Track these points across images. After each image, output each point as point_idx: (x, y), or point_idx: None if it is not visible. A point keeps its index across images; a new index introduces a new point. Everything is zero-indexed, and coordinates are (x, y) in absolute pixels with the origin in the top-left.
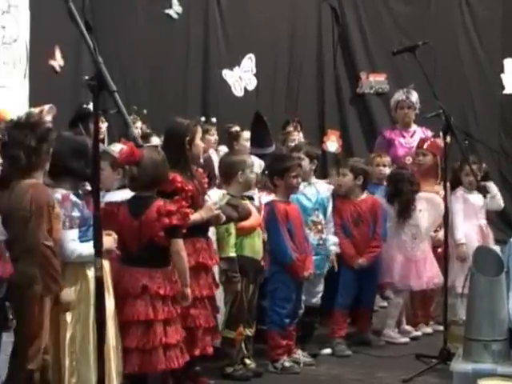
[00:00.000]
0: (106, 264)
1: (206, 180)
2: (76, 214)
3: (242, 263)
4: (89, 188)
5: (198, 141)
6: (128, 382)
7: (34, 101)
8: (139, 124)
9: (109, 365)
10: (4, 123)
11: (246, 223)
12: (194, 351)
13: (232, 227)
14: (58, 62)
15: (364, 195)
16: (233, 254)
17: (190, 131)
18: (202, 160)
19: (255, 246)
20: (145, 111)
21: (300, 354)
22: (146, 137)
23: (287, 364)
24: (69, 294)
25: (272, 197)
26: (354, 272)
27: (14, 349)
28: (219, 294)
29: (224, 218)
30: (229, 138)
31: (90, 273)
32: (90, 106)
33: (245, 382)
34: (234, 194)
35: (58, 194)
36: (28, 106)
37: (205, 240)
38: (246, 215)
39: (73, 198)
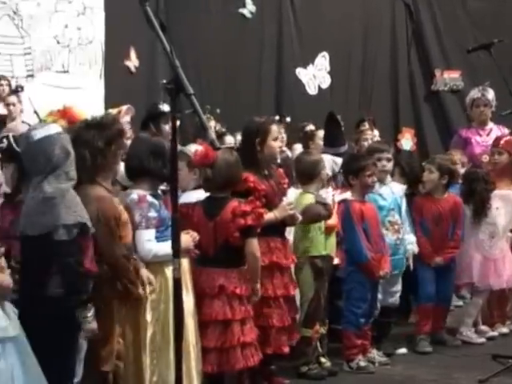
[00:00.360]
0: (185, 262)
1: (286, 181)
2: (153, 214)
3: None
4: (163, 188)
5: (270, 141)
6: (205, 381)
7: (110, 101)
8: (213, 123)
9: (189, 363)
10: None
11: (329, 222)
12: (266, 350)
13: (323, 226)
14: (133, 62)
15: (446, 194)
16: (325, 252)
17: (260, 131)
18: (279, 159)
19: (332, 244)
20: (218, 110)
21: (375, 354)
22: (219, 136)
23: (362, 363)
24: None
25: (346, 195)
26: (431, 270)
27: (88, 351)
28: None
29: (300, 217)
30: (304, 137)
31: (169, 272)
32: (162, 107)
33: (320, 381)
34: (315, 193)
35: (135, 194)
36: (103, 107)
37: (280, 239)
38: (331, 214)
39: (149, 198)
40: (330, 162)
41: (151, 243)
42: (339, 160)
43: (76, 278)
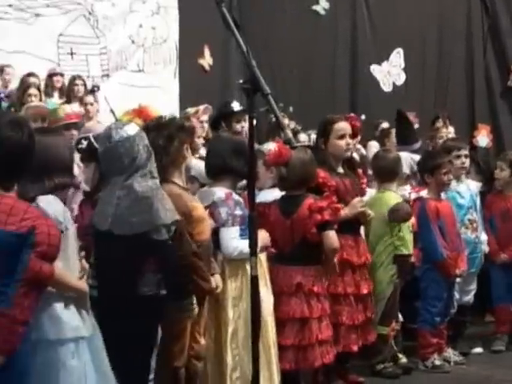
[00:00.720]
0: (263, 259)
1: (365, 180)
2: (238, 212)
3: None
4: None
5: (333, 139)
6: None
7: (184, 100)
8: (286, 121)
9: (270, 359)
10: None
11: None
12: (335, 348)
13: (411, 224)
14: (207, 60)
15: None
16: (408, 252)
17: (323, 130)
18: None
19: (410, 242)
20: (291, 109)
21: (451, 353)
22: (293, 134)
23: (437, 362)
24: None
25: (424, 193)
26: (502, 269)
27: (161, 346)
28: None
29: (372, 214)
30: (380, 135)
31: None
32: (233, 105)
33: (394, 379)
34: (395, 191)
35: (222, 192)
36: (178, 106)
37: (352, 237)
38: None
39: (235, 196)
40: (408, 160)
41: (236, 240)
42: (417, 157)
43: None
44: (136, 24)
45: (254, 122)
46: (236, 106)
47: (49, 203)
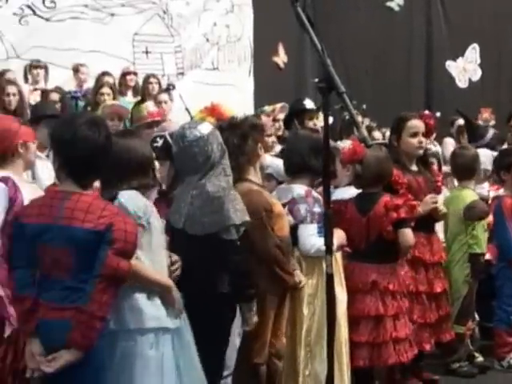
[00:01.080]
0: (339, 258)
1: (441, 178)
2: (317, 209)
3: None
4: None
5: (405, 137)
6: (354, 375)
7: (259, 97)
8: (359, 119)
9: (341, 358)
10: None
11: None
12: None
13: (485, 223)
14: (281, 58)
15: None
16: (480, 251)
17: (395, 128)
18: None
19: (484, 241)
20: (364, 106)
21: None
22: (367, 131)
23: None
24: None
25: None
26: None
27: (242, 343)
28: None
29: (444, 210)
30: (456, 132)
31: None
32: (306, 102)
33: (470, 378)
34: (473, 189)
35: (301, 189)
36: (253, 103)
37: (425, 235)
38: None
39: (314, 193)
40: (490, 157)
41: (314, 238)
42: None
43: (244, 275)
44: (210, 22)
45: (330, 119)
46: (308, 103)
47: (130, 198)
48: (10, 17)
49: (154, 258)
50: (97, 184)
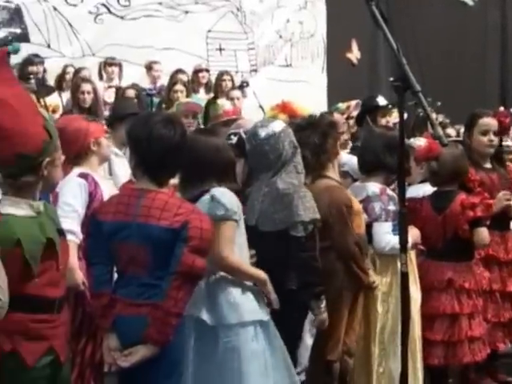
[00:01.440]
0: (413, 256)
1: None
2: (392, 207)
3: None
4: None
5: (476, 135)
6: (428, 374)
7: (332, 94)
8: (433, 116)
9: (415, 356)
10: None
11: None
12: None
13: None
14: (354, 54)
15: None
16: None
17: (468, 125)
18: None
19: None
20: (438, 103)
21: None
22: (441, 128)
23: None
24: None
25: None
26: None
27: (315, 340)
28: None
29: None
30: None
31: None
32: (379, 99)
33: None
34: None
35: (376, 187)
36: (326, 100)
37: (499, 233)
38: None
39: (389, 191)
40: None
41: (389, 236)
42: None
43: (311, 272)
44: (283, 19)
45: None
46: (381, 100)
47: (223, 194)
48: (85, 15)
49: (242, 253)
50: (173, 181)
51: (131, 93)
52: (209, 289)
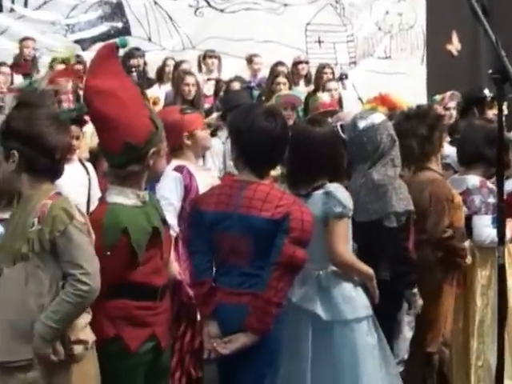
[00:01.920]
0: None
1: None
2: (492, 200)
3: None
4: None
5: None
6: None
7: (431, 86)
8: None
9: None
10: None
11: None
12: None
13: None
14: (455, 46)
15: None
16: None
17: None
18: None
19: None
20: None
21: None
22: None
23: None
24: None
25: None
26: None
27: (416, 332)
28: None
29: None
30: None
31: None
32: (486, 91)
33: None
34: None
35: (476, 180)
36: (426, 92)
37: None
38: None
39: (489, 184)
40: None
41: (489, 229)
42: None
43: (404, 262)
44: (382, 11)
45: (505, 110)
46: (487, 92)
47: (338, 190)
48: (185, 9)
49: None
50: (274, 173)
51: (236, 85)
52: (320, 283)
